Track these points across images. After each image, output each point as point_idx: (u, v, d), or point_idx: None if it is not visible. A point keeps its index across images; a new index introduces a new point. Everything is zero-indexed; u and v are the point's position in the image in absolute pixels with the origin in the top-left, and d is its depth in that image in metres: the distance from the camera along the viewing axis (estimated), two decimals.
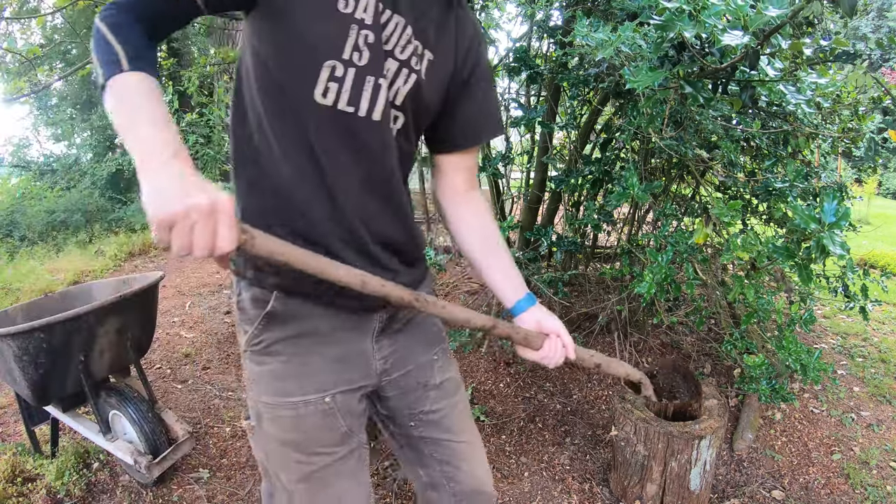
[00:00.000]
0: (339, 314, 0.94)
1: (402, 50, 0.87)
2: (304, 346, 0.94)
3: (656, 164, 2.64)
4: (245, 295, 0.93)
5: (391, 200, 0.95)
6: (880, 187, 10.15)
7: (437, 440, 1.11)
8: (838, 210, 1.09)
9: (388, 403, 1.09)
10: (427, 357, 1.09)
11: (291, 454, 0.96)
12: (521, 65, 2.39)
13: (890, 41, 1.95)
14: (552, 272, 2.79)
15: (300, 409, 0.94)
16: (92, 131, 8.99)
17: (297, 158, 0.86)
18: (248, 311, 0.93)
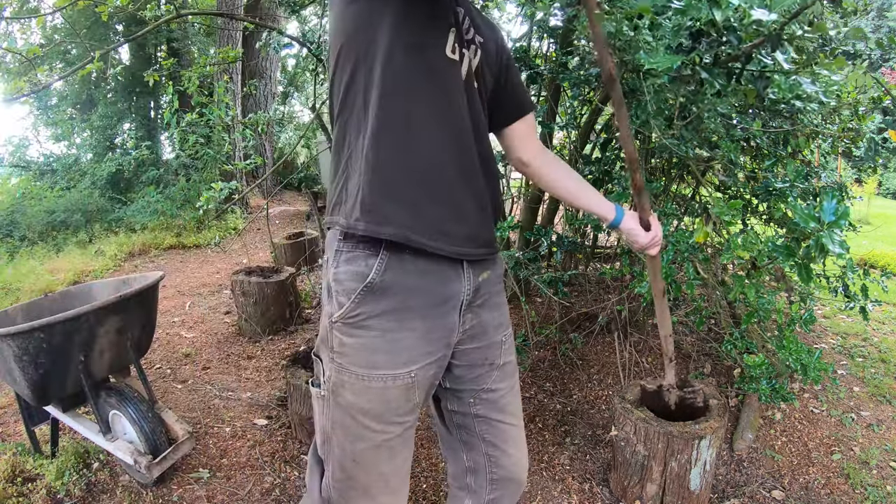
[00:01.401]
0: (433, 282, 1.02)
1: (467, 31, 1.06)
2: (397, 320, 1.00)
3: (656, 163, 2.64)
4: (343, 268, 1.00)
5: (489, 153, 1.12)
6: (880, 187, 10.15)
7: (490, 420, 1.19)
8: (838, 209, 1.09)
9: (455, 373, 1.16)
10: (497, 337, 1.18)
11: (369, 423, 1.03)
12: (521, 65, 2.39)
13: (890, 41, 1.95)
14: (552, 272, 2.79)
15: (388, 382, 1.01)
16: (92, 131, 8.99)
17: (429, 108, 0.99)
18: (345, 282, 0.99)
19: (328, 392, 1.05)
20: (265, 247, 5.79)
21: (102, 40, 7.69)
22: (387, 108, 0.97)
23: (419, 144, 0.98)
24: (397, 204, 0.97)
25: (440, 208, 1.00)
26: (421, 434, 2.28)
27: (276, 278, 3.37)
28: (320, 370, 1.07)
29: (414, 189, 0.98)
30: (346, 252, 1.00)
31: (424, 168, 0.99)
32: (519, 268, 2.64)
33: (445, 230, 1.01)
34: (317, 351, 1.09)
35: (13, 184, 8.29)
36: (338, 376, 1.03)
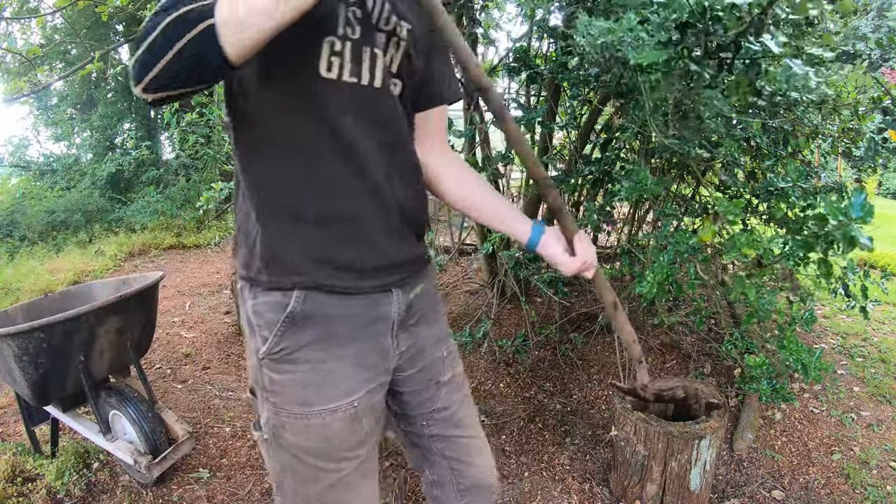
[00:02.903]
0: (358, 307, 0.94)
1: (385, 22, 0.91)
2: (326, 350, 0.92)
3: (656, 164, 2.64)
4: (261, 298, 0.92)
5: (407, 166, 0.99)
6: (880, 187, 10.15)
7: (447, 437, 1.13)
8: (865, 205, 1.10)
9: (402, 399, 1.10)
10: (438, 353, 1.11)
11: (317, 463, 0.95)
12: (521, 65, 2.39)
13: (890, 41, 1.95)
14: (552, 272, 2.79)
15: (327, 417, 0.92)
16: (92, 131, 8.99)
17: (312, 138, 0.88)
18: (265, 314, 0.91)
19: (270, 435, 0.96)
20: None
21: (102, 40, 7.69)
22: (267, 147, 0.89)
23: (312, 183, 0.88)
24: (298, 255, 0.89)
25: (348, 248, 0.91)
26: None
27: None
28: (258, 410, 0.99)
29: (314, 234, 0.90)
30: (252, 288, 0.93)
31: (323, 209, 0.89)
32: (519, 268, 2.64)
33: (358, 268, 0.92)
34: (252, 388, 0.99)
35: (13, 184, 8.29)
36: (276, 417, 0.94)
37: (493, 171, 2.53)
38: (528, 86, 3.07)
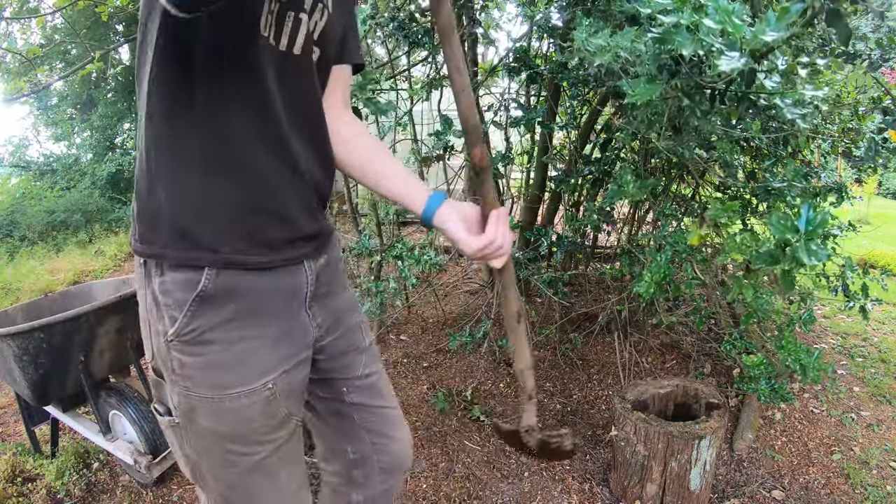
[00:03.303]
0: (272, 282, 0.90)
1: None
2: (240, 329, 0.88)
3: (656, 164, 2.64)
4: (169, 276, 0.85)
5: (321, 137, 0.96)
6: (880, 187, 10.14)
7: (369, 407, 1.09)
8: (815, 218, 1.04)
9: (322, 366, 1.05)
10: (354, 319, 1.08)
11: (233, 447, 0.90)
12: (521, 65, 2.39)
13: (890, 41, 1.95)
14: (552, 272, 2.79)
15: (243, 400, 0.88)
16: (92, 131, 8.99)
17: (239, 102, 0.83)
18: (174, 293, 0.85)
19: (182, 419, 0.91)
20: None
21: (102, 40, 7.69)
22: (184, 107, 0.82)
23: (232, 152, 0.84)
24: (210, 228, 0.84)
25: (263, 221, 0.87)
26: (420, 434, 2.28)
27: None
28: (164, 395, 0.94)
29: (229, 206, 0.85)
30: (158, 266, 0.86)
31: (240, 180, 0.85)
32: (519, 268, 2.64)
33: (273, 242, 0.88)
34: (157, 371, 0.93)
35: (13, 184, 8.30)
36: (187, 401, 0.89)
37: (493, 171, 2.53)
38: (528, 86, 3.07)
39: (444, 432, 2.30)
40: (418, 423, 2.36)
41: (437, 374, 2.78)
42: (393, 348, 3.05)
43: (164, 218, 0.84)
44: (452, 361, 2.88)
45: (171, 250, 0.84)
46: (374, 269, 3.19)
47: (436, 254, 2.54)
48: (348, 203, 3.64)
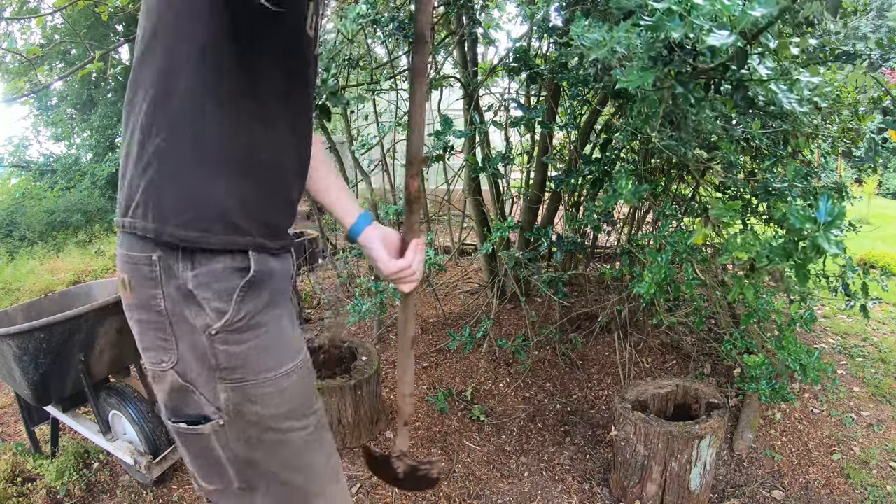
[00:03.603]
0: (284, 265, 0.94)
1: None
2: (276, 309, 0.91)
3: (656, 164, 2.64)
4: (204, 267, 0.83)
5: (310, 126, 1.00)
6: (880, 187, 10.15)
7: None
8: (833, 210, 1.09)
9: None
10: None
11: (287, 425, 0.91)
12: (521, 65, 2.39)
13: (890, 41, 1.95)
14: (552, 272, 2.79)
15: (293, 376, 0.91)
16: (92, 131, 9.00)
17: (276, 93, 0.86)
18: (213, 285, 0.84)
19: (228, 415, 0.89)
20: None
21: (102, 40, 7.70)
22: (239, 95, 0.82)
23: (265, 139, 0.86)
24: (244, 213, 0.85)
25: (279, 208, 0.91)
26: (420, 434, 2.28)
27: None
28: (202, 402, 0.89)
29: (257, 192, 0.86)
30: (188, 258, 0.83)
31: (268, 168, 0.87)
32: (519, 268, 2.64)
33: (283, 227, 0.93)
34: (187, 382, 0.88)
35: (13, 184, 8.30)
36: (238, 393, 0.88)
37: (493, 171, 2.53)
38: (528, 86, 3.07)
39: (444, 432, 2.30)
40: (418, 423, 2.36)
41: (437, 374, 2.78)
42: (393, 348, 3.05)
43: (203, 202, 0.82)
44: (452, 361, 2.88)
45: (212, 236, 0.83)
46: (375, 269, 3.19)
47: (435, 253, 2.54)
48: None
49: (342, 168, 3.47)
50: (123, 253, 0.86)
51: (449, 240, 4.30)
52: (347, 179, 3.53)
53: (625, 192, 1.71)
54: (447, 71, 3.15)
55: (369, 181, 3.25)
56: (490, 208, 3.23)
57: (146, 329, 0.87)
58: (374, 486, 1.97)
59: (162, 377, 0.89)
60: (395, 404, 1.22)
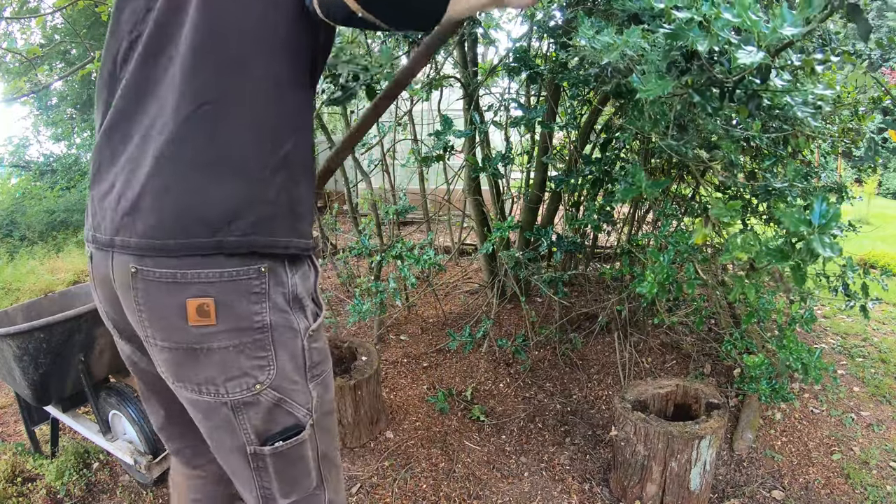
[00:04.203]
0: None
1: None
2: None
3: (656, 164, 2.64)
4: (297, 277, 0.86)
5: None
6: (880, 187, 10.14)
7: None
8: (827, 212, 1.08)
9: None
10: None
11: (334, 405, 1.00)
12: (521, 65, 2.39)
13: (890, 41, 1.95)
14: (552, 272, 2.79)
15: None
16: (92, 131, 9.00)
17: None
18: (306, 292, 0.89)
19: (315, 413, 0.91)
20: None
21: (102, 40, 7.68)
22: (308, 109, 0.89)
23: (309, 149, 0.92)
24: (306, 218, 0.91)
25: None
26: (421, 434, 2.28)
27: None
28: (294, 408, 0.89)
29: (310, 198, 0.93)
30: (291, 264, 0.87)
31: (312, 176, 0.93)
32: (519, 268, 2.64)
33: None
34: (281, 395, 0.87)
35: (13, 184, 8.29)
36: (322, 388, 0.93)
37: (493, 171, 2.53)
38: (528, 86, 3.07)
39: (444, 432, 2.30)
40: (418, 423, 2.36)
41: (437, 374, 2.78)
42: (393, 348, 3.05)
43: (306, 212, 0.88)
44: (452, 361, 2.88)
45: (295, 240, 0.85)
46: (374, 269, 3.19)
47: (435, 253, 2.54)
48: (348, 203, 3.64)
49: (342, 168, 3.47)
50: (210, 272, 0.77)
51: (449, 240, 4.31)
52: (347, 179, 3.53)
53: (643, 185, 1.69)
54: (447, 71, 3.15)
55: (369, 181, 3.25)
56: (490, 208, 3.23)
57: (237, 353, 0.82)
58: (374, 487, 1.97)
59: (252, 402, 0.84)
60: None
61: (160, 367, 0.87)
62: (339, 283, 4.06)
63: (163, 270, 0.76)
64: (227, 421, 0.85)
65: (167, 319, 0.78)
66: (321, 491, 0.97)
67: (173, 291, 0.77)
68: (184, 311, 0.77)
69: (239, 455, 0.88)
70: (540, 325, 2.90)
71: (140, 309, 0.79)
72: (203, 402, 0.84)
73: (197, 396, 0.84)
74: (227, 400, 0.83)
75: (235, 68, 0.78)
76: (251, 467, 0.88)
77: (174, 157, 0.76)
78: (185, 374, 0.82)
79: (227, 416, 0.85)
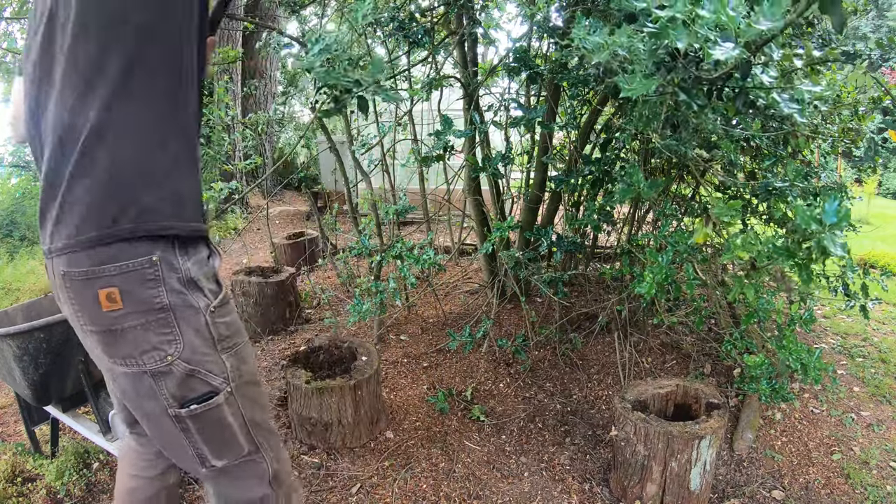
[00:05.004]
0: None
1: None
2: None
3: (656, 164, 2.64)
4: (194, 258, 0.99)
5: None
6: (880, 187, 10.15)
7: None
8: (839, 210, 1.09)
9: None
10: None
11: (258, 377, 1.12)
12: (521, 65, 2.39)
13: (890, 41, 1.95)
14: (552, 272, 2.79)
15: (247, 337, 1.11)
16: None
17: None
18: (203, 270, 1.00)
19: (234, 383, 1.04)
20: (265, 247, 5.79)
21: None
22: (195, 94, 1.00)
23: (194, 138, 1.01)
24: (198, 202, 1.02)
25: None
26: (420, 434, 2.28)
27: (276, 278, 3.37)
28: (209, 377, 1.01)
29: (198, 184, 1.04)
30: (190, 246, 1.00)
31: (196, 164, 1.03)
32: (519, 268, 2.64)
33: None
34: (193, 366, 0.99)
35: (13, 184, 8.28)
36: (235, 359, 1.04)
37: (493, 171, 2.53)
38: (528, 86, 3.07)
39: (444, 432, 2.30)
40: (418, 423, 2.36)
41: (437, 374, 2.78)
42: (393, 348, 3.05)
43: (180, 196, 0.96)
44: (452, 361, 2.88)
45: (194, 224, 0.98)
46: (374, 269, 3.19)
47: (435, 253, 2.54)
48: (348, 203, 3.64)
49: (342, 168, 3.47)
50: (111, 267, 0.91)
51: (449, 240, 4.31)
52: (347, 179, 3.53)
53: (641, 186, 1.69)
54: (447, 71, 3.15)
55: (369, 181, 3.25)
56: (490, 208, 3.23)
57: (144, 331, 0.95)
58: (374, 487, 1.98)
59: (167, 372, 0.97)
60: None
61: (95, 351, 1.02)
62: (339, 283, 4.06)
63: (80, 269, 0.92)
64: (151, 388, 0.99)
65: (89, 307, 0.94)
66: (259, 457, 1.11)
67: (88, 285, 0.93)
68: (98, 300, 0.93)
69: (164, 418, 1.01)
70: (540, 325, 2.90)
71: (72, 302, 0.97)
72: (130, 375, 0.98)
73: (125, 369, 0.98)
74: (146, 370, 0.97)
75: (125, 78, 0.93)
76: (178, 428, 1.02)
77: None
78: (112, 352, 0.97)
79: (150, 385, 0.99)
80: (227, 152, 6.15)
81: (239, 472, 1.10)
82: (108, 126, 0.87)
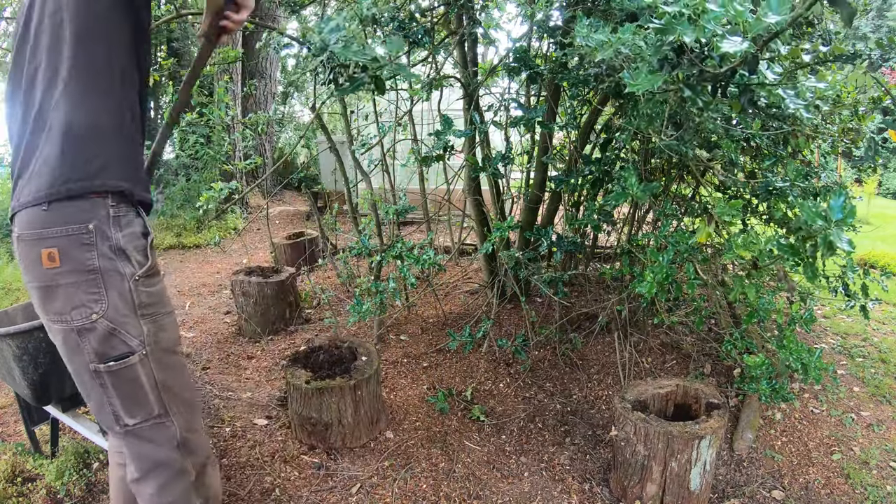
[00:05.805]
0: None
1: None
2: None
3: (656, 164, 2.64)
4: (126, 230, 1.14)
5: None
6: (880, 187, 10.15)
7: None
8: (845, 207, 1.10)
9: None
10: None
11: (179, 349, 1.25)
12: (521, 65, 2.39)
13: (890, 41, 1.95)
14: (552, 272, 2.79)
15: (174, 313, 1.26)
16: None
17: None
18: (134, 241, 1.15)
19: (149, 346, 1.17)
20: (265, 247, 5.79)
21: None
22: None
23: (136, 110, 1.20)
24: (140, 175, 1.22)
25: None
26: (420, 434, 2.28)
27: (276, 278, 3.37)
28: (128, 338, 1.15)
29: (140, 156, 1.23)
30: (122, 216, 1.14)
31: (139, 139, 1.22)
32: (519, 268, 2.64)
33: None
34: (115, 325, 1.13)
35: None
36: (153, 326, 1.17)
37: (493, 171, 2.53)
38: (528, 86, 3.07)
39: (444, 432, 2.30)
40: (418, 423, 2.36)
41: (437, 374, 2.78)
42: (393, 348, 3.05)
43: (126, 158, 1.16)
44: (452, 361, 2.88)
45: (138, 188, 1.19)
46: (374, 269, 3.19)
47: (435, 253, 2.54)
48: (348, 203, 3.64)
49: (342, 168, 3.47)
50: (54, 230, 1.08)
51: (449, 240, 4.31)
52: (347, 179, 3.54)
53: (635, 189, 1.70)
54: (447, 71, 3.15)
55: (369, 181, 3.25)
56: (490, 208, 3.23)
57: (76, 289, 1.10)
58: (374, 487, 1.97)
59: (91, 329, 1.12)
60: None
61: (37, 307, 1.15)
62: (339, 283, 4.06)
63: (30, 231, 1.09)
64: (77, 344, 1.13)
65: (33, 265, 1.11)
66: (168, 421, 1.23)
67: (35, 245, 1.09)
68: (40, 258, 1.09)
69: (87, 374, 1.16)
70: (540, 325, 2.90)
71: (22, 260, 1.13)
72: (61, 331, 1.13)
73: (58, 326, 1.13)
74: (73, 326, 1.12)
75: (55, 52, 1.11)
76: (98, 383, 1.16)
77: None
78: (48, 307, 1.12)
79: (76, 340, 1.13)
80: (227, 152, 6.16)
81: (149, 433, 1.22)
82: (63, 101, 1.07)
